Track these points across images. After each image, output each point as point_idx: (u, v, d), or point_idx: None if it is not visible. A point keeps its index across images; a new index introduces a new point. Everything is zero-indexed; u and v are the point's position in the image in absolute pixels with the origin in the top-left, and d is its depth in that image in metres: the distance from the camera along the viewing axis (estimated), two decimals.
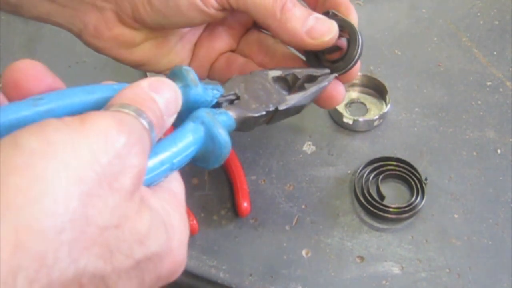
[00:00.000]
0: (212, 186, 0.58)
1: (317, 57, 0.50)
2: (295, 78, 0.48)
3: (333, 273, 0.52)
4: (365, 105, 0.64)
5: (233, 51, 0.54)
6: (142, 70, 0.53)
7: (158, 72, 0.53)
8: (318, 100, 0.50)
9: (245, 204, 0.55)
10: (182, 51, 0.52)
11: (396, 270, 0.53)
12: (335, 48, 0.49)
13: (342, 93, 0.51)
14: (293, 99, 0.48)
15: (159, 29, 0.50)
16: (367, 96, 0.65)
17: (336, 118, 0.62)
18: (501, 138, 0.61)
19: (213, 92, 0.43)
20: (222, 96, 0.44)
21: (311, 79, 0.49)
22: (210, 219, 0.56)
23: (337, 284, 0.52)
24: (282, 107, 0.47)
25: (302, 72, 0.49)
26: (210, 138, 0.39)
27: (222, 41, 0.53)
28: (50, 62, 0.68)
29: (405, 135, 0.62)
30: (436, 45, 0.70)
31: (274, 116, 0.47)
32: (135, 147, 0.30)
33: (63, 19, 0.49)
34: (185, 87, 0.40)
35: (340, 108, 0.62)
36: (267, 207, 0.56)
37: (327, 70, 0.49)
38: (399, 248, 0.54)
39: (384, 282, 0.52)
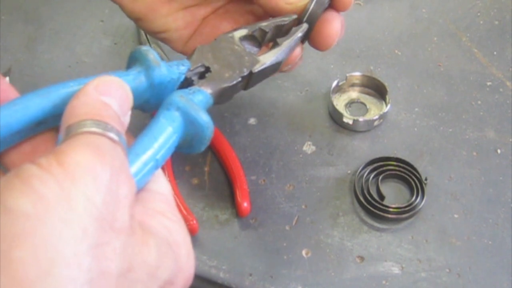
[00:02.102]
0: (212, 186, 0.58)
1: None
2: (263, 32, 0.47)
3: (333, 273, 0.52)
4: (365, 105, 0.64)
5: None
6: (138, 25, 0.53)
7: (151, 32, 0.53)
8: (312, 39, 0.50)
9: (245, 204, 0.55)
10: (181, 20, 0.52)
11: (396, 270, 0.53)
12: None
13: (338, 29, 0.49)
14: (267, 58, 0.45)
15: None
16: (367, 96, 0.65)
17: (336, 118, 0.62)
18: (501, 138, 0.61)
19: (179, 68, 0.41)
20: (189, 70, 0.41)
21: (280, 30, 0.47)
22: (210, 219, 0.56)
23: (337, 284, 0.52)
24: (256, 69, 0.44)
25: (269, 24, 0.47)
26: (189, 123, 0.36)
27: (228, 24, 0.53)
28: (50, 62, 0.69)
29: (405, 135, 0.62)
30: (436, 45, 0.70)
31: (250, 80, 0.45)
32: (121, 175, 0.28)
33: None
34: (147, 69, 0.38)
35: (340, 108, 0.62)
36: (267, 207, 0.56)
37: (295, 16, 0.48)
38: (399, 248, 0.54)
39: (384, 282, 0.52)
